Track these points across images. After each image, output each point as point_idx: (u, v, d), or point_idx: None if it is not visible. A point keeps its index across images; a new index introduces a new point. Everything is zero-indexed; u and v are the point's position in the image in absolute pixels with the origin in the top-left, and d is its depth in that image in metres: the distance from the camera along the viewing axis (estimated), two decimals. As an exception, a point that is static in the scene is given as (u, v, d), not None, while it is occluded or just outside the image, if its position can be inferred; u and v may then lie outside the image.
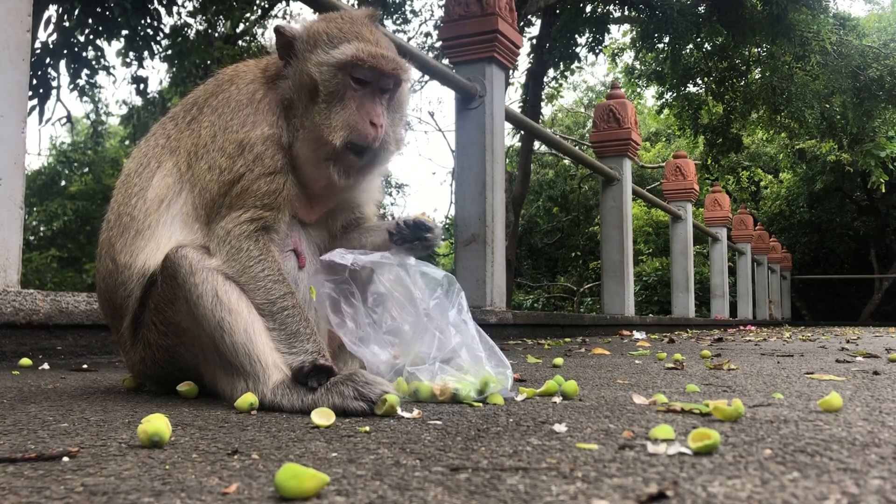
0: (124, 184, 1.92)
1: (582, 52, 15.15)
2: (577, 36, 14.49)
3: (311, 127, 1.79)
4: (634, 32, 16.32)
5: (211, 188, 1.78)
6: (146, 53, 10.66)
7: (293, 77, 1.84)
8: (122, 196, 1.89)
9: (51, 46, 10.59)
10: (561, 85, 18.22)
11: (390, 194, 25.43)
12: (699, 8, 13.89)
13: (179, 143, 1.88)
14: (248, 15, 13.43)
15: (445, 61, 6.82)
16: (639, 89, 19.67)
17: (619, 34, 20.95)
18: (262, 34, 15.68)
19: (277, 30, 1.88)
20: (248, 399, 1.60)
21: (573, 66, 16.01)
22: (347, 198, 2.01)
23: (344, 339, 1.83)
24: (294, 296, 1.72)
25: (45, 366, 2.55)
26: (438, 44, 12.98)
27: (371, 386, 1.57)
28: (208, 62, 11.14)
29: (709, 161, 17.84)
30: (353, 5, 12.77)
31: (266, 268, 1.72)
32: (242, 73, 1.94)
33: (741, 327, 12.46)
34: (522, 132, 14.41)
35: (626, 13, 14.91)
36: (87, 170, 24.47)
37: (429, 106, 53.25)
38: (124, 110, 15.87)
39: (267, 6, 14.64)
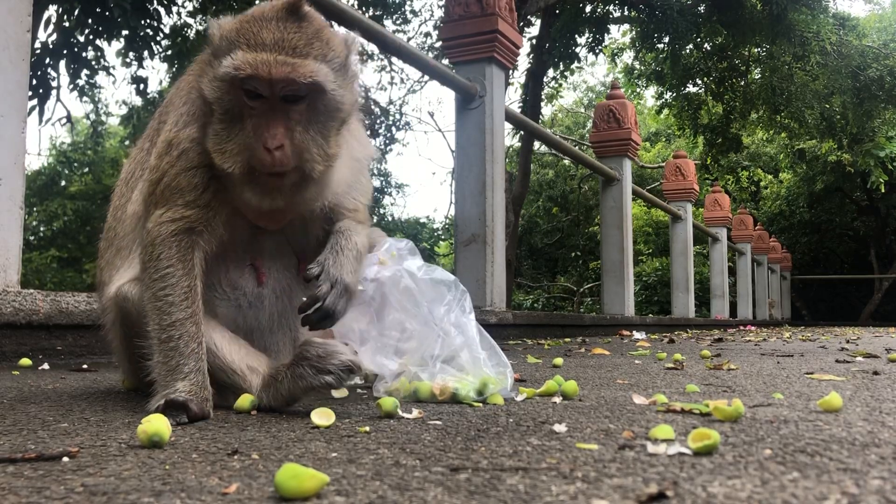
0: (117, 193, 1.86)
1: (582, 52, 15.18)
2: (576, 36, 14.50)
3: (211, 149, 1.55)
4: (634, 32, 16.33)
5: (144, 190, 1.69)
6: (146, 53, 10.66)
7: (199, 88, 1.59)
8: (114, 207, 1.84)
9: (51, 46, 10.59)
10: (561, 85, 18.24)
11: (390, 194, 25.42)
12: (699, 8, 13.89)
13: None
14: (248, 15, 13.42)
15: (445, 61, 6.82)
16: (639, 89, 19.69)
17: (618, 34, 20.97)
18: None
19: (207, 27, 1.64)
20: (248, 399, 1.61)
21: (573, 67, 16.03)
22: (313, 206, 1.73)
23: None
24: (191, 321, 1.55)
25: (45, 366, 2.55)
26: (438, 44, 12.98)
27: (326, 358, 1.54)
28: (208, 62, 11.11)
29: (709, 161, 17.85)
30: (352, 5, 12.77)
31: (168, 285, 1.55)
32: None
33: (741, 327, 12.46)
34: (522, 132, 14.41)
35: (626, 13, 14.92)
36: (87, 170, 24.49)
37: (429, 106, 53.25)
38: (124, 110, 15.88)
39: (267, 6, 14.61)
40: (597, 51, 14.99)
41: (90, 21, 10.00)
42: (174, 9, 11.33)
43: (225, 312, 1.72)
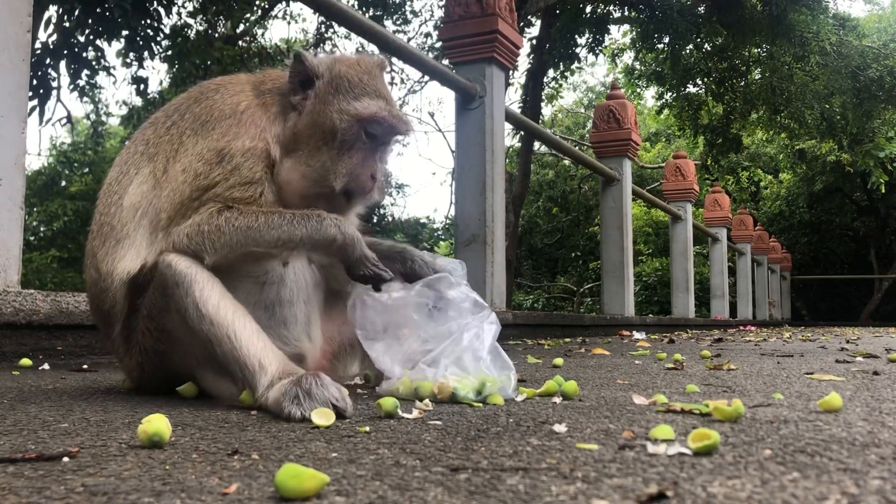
0: (105, 193, 1.91)
1: (582, 52, 15.16)
2: (577, 36, 14.49)
3: (318, 167, 1.87)
4: (634, 33, 16.33)
5: (183, 190, 1.78)
6: (146, 54, 10.65)
7: (309, 113, 1.89)
8: (104, 206, 1.89)
9: (51, 47, 10.59)
10: (561, 85, 18.22)
11: (390, 194, 25.44)
12: (699, 8, 13.89)
13: (158, 148, 1.87)
14: (248, 15, 13.44)
15: (445, 62, 6.82)
16: (639, 90, 19.69)
17: (618, 34, 20.97)
18: (262, 35, 15.68)
19: (299, 57, 1.90)
20: (248, 396, 1.62)
21: (573, 67, 16.02)
22: None
23: (360, 337, 1.88)
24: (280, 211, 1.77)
25: (46, 366, 2.55)
26: (438, 44, 12.98)
27: (310, 399, 1.51)
28: (208, 62, 11.14)
29: (709, 161, 17.85)
30: (352, 5, 12.78)
31: (245, 211, 1.75)
32: (229, 85, 1.95)
33: (741, 327, 12.45)
34: (522, 132, 14.41)
35: (626, 13, 14.92)
36: (87, 170, 24.46)
37: (429, 106, 53.19)
38: (124, 111, 15.86)
39: (267, 6, 14.64)
40: (597, 51, 14.98)
41: (90, 21, 10.00)
42: (174, 9, 11.33)
43: (251, 288, 1.84)
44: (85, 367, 2.60)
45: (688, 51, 15.26)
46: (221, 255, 1.73)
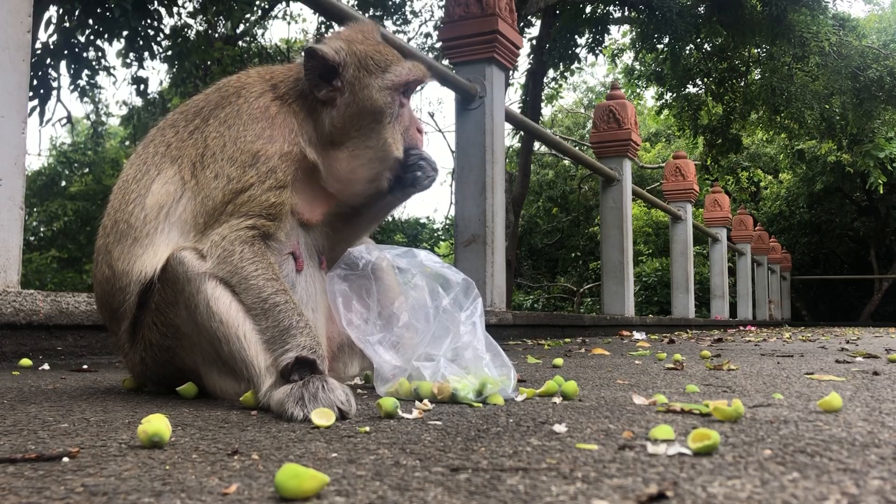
0: (121, 190, 1.89)
1: (582, 52, 15.19)
2: (576, 36, 14.52)
3: (381, 146, 1.90)
4: (634, 33, 16.35)
5: (215, 196, 1.76)
6: (146, 54, 10.67)
7: (349, 103, 1.87)
8: (119, 202, 1.87)
9: (51, 47, 10.60)
10: (561, 85, 18.26)
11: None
12: (699, 9, 13.90)
13: (181, 151, 1.85)
14: (248, 15, 13.45)
15: (445, 62, 6.83)
16: (638, 90, 19.71)
17: (618, 35, 21.01)
18: (262, 35, 15.69)
19: (312, 53, 1.83)
20: (250, 396, 1.62)
21: (573, 67, 16.04)
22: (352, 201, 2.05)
23: (353, 336, 1.86)
24: (287, 293, 1.70)
25: (45, 366, 2.55)
26: (438, 44, 12.99)
27: (315, 400, 1.50)
28: (208, 62, 11.15)
29: (708, 161, 17.87)
30: (353, 6, 12.78)
31: (258, 267, 1.69)
32: (249, 86, 1.92)
33: (741, 328, 12.45)
34: (522, 132, 14.42)
35: (626, 14, 14.94)
36: (87, 170, 24.47)
37: (429, 106, 53.19)
38: (124, 111, 15.86)
39: (267, 7, 14.65)
40: (597, 51, 15.01)
41: (91, 21, 10.02)
42: (174, 9, 11.34)
43: None
44: (85, 367, 2.60)
45: (687, 51, 15.27)
46: (220, 274, 1.70)
